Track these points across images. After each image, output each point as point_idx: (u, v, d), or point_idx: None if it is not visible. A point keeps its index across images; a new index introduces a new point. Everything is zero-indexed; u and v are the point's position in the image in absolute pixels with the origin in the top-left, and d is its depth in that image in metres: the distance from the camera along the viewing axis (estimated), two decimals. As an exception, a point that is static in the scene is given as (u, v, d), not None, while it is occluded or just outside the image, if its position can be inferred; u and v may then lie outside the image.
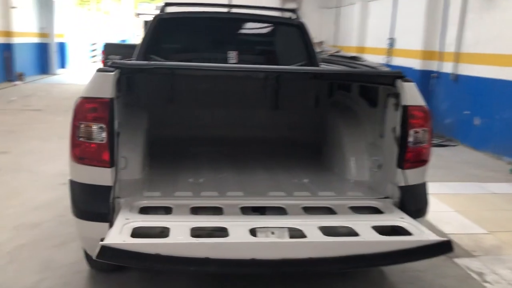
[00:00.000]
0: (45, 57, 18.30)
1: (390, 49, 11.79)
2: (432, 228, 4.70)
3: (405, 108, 2.98)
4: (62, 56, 20.04)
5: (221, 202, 2.94)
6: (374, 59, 11.76)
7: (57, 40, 18.99)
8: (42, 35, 18.04)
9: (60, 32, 19.56)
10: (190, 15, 5.09)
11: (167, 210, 2.84)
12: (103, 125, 2.71)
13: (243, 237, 2.38)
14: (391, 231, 2.72)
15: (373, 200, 3.11)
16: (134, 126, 3.49)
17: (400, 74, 3.04)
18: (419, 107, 3.03)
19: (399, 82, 3.01)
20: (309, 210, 2.99)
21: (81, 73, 19.15)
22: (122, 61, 2.84)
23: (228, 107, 5.04)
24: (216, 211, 2.89)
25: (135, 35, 28.44)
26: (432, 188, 5.91)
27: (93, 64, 23.99)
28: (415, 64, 10.19)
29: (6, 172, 6.14)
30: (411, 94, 3.01)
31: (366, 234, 2.48)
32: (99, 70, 2.76)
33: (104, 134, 2.71)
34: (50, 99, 12.43)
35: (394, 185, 3.10)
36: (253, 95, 5.01)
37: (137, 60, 4.69)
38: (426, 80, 9.84)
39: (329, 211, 2.99)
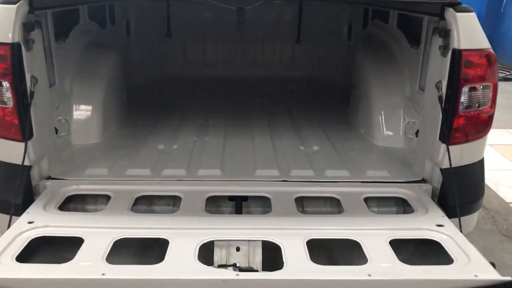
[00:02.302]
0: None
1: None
2: (490, 194, 3.76)
3: (458, 53, 1.96)
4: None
5: (183, 189, 2.12)
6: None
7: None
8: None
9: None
10: None
11: (107, 199, 2.07)
12: (6, 83, 1.91)
13: (180, 266, 1.54)
14: (421, 242, 1.83)
15: (401, 186, 2.18)
16: (91, 74, 2.69)
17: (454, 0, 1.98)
18: (479, 52, 2.01)
19: (450, 12, 1.96)
20: (306, 202, 2.13)
21: None
22: None
23: (239, 41, 4.18)
24: (174, 200, 2.10)
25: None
26: (494, 137, 4.97)
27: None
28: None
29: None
30: (468, 32, 1.98)
31: (377, 261, 1.60)
32: (1, 2, 1.91)
33: (8, 95, 1.92)
34: None
35: (434, 165, 2.14)
36: (269, 25, 4.08)
37: None
38: (498, 0, 8.28)
39: (334, 203, 2.11)
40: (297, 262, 1.58)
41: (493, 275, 1.51)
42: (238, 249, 1.72)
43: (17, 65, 1.91)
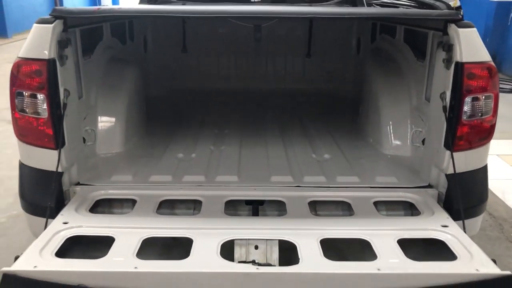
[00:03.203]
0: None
1: (463, -23, 10.20)
2: (497, 202, 3.85)
3: (460, 66, 2.09)
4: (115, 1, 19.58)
5: (203, 193, 2.27)
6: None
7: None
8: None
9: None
10: None
11: (133, 203, 2.21)
12: (42, 95, 2.07)
13: (205, 261, 1.69)
14: (428, 243, 1.95)
15: (409, 191, 2.30)
16: (114, 88, 2.85)
17: (456, 16, 2.12)
18: (480, 64, 2.13)
19: (452, 28, 2.10)
20: (319, 206, 2.26)
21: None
22: (66, 8, 2.13)
23: (251, 55, 4.32)
24: (195, 204, 2.24)
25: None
26: (502, 148, 5.06)
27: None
28: (492, -6, 8.71)
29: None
30: (470, 46, 2.10)
31: (386, 257, 1.73)
32: (38, 22, 2.09)
33: (44, 106, 2.09)
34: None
35: (440, 171, 2.27)
36: (280, 40, 4.22)
37: (141, 2, 3.99)
38: (504, 13, 8.46)
39: (346, 207, 2.24)
40: (311, 258, 1.71)
41: (494, 270, 1.63)
42: (256, 247, 1.85)
43: (52, 79, 2.08)
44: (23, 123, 2.17)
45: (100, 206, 2.26)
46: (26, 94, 2.11)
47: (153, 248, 2.01)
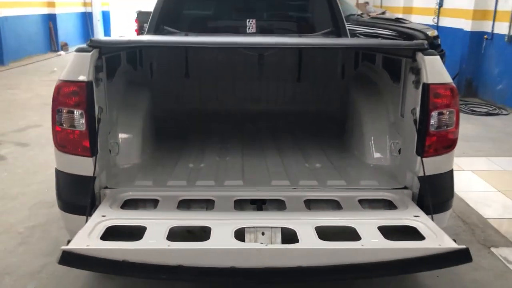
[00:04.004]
0: (89, 26, 18.43)
1: (439, 9, 10.89)
2: (470, 211, 4.29)
3: (427, 87, 2.55)
4: (106, 25, 20.09)
5: (214, 194, 2.67)
6: (422, 20, 10.96)
7: (101, 8, 19.03)
8: (86, 4, 18.12)
9: (104, 1, 19.57)
10: None
11: (155, 203, 2.61)
12: (82, 111, 2.49)
13: (224, 241, 2.10)
14: (403, 231, 2.37)
15: (387, 191, 2.74)
16: (132, 107, 3.26)
17: (421, 46, 2.60)
18: (443, 85, 2.59)
19: (419, 56, 2.57)
20: (312, 203, 2.67)
21: (124, 41, 19.29)
22: (101, 39, 2.57)
23: (246, 80, 4.76)
24: (209, 203, 2.63)
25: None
26: (476, 164, 5.54)
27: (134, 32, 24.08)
28: (466, 25, 9.35)
29: (35, 147, 6.14)
30: (434, 70, 2.57)
31: (368, 238, 2.15)
32: (78, 50, 2.52)
33: (83, 121, 2.50)
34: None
35: (413, 174, 2.71)
36: (273, 66, 4.68)
37: (148, 32, 4.45)
38: (478, 42, 9.08)
39: (335, 204, 2.66)
40: (309, 239, 2.13)
41: (453, 245, 2.06)
42: (263, 233, 2.26)
43: (90, 98, 2.49)
44: (63, 135, 2.57)
45: (127, 205, 2.65)
46: (67, 110, 2.52)
47: (173, 238, 2.40)
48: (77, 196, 2.56)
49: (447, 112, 2.65)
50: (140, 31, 10.85)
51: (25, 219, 4.13)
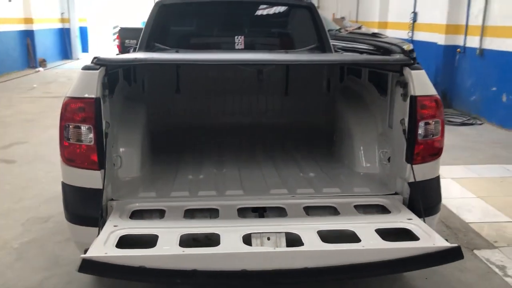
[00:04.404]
0: (67, 42, 18.38)
1: (413, 23, 11.32)
2: (453, 216, 4.50)
3: (414, 99, 2.75)
4: (84, 41, 20.07)
5: (218, 203, 2.80)
6: (397, 35, 11.34)
7: (78, 24, 19.03)
8: (63, 20, 18.09)
9: (82, 17, 19.58)
10: (193, 0, 4.89)
11: (161, 213, 2.72)
12: (90, 126, 2.59)
13: (234, 246, 2.23)
14: (398, 233, 2.53)
15: (380, 197, 2.91)
16: (131, 122, 3.37)
17: (408, 61, 2.80)
18: (429, 97, 2.79)
19: (406, 70, 2.77)
20: (311, 210, 2.82)
21: (103, 57, 19.37)
22: (107, 57, 2.69)
23: (235, 95, 4.92)
24: (212, 213, 2.75)
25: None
26: (455, 172, 5.79)
27: (115, 48, 24.13)
28: (439, 39, 9.74)
29: (22, 163, 6.15)
30: (421, 83, 2.77)
31: (368, 240, 2.31)
32: (85, 68, 2.63)
33: (91, 135, 2.60)
34: (71, 85, 12.44)
35: (403, 180, 2.89)
36: (262, 81, 4.85)
37: (139, 49, 4.57)
38: (451, 55, 9.46)
39: (332, 210, 2.82)
40: (312, 242, 2.27)
41: (446, 244, 2.23)
42: (268, 238, 2.39)
43: (98, 113, 2.60)
44: (72, 150, 2.66)
45: (134, 216, 2.75)
46: (76, 126, 2.62)
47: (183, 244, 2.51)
48: (86, 208, 2.65)
49: (433, 122, 2.84)
50: (122, 47, 10.95)
51: (19, 235, 4.15)
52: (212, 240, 2.35)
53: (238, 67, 4.58)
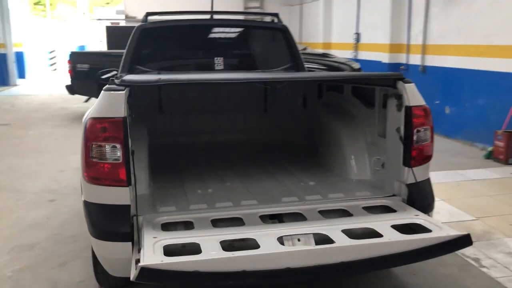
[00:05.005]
0: (4, 68, 17.69)
1: (357, 44, 12.04)
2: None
3: (409, 109, 3.08)
4: (20, 66, 19.36)
5: (239, 212, 2.96)
6: (341, 54, 12.00)
7: (14, 49, 18.37)
8: (-1, 45, 17.45)
9: (18, 42, 18.93)
10: (173, 24, 5.07)
11: (187, 225, 2.85)
12: (118, 145, 2.69)
13: (274, 247, 2.42)
14: (407, 229, 2.82)
15: (383, 198, 3.20)
16: (137, 140, 3.47)
17: (401, 76, 3.14)
18: (421, 107, 3.14)
19: (400, 84, 3.11)
20: (325, 214, 3.05)
21: (41, 82, 18.93)
22: (131, 78, 2.81)
23: (217, 113, 5.10)
24: (237, 221, 2.91)
25: (98, 41, 28.13)
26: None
27: (53, 73, 23.48)
28: (383, 57, 10.45)
29: (-15, 194, 5.94)
30: (413, 95, 3.11)
31: (389, 235, 2.58)
32: (108, 90, 2.73)
33: (119, 154, 2.69)
34: (16, 112, 12.02)
35: (401, 183, 3.20)
36: (243, 99, 5.07)
37: (121, 72, 4.65)
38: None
39: (344, 213, 3.07)
40: (343, 239, 2.51)
41: (458, 232, 2.55)
42: (299, 239, 2.60)
43: (126, 132, 2.71)
44: (99, 169, 2.74)
45: (164, 229, 2.85)
46: (103, 145, 2.70)
47: None
48: (115, 225, 2.71)
49: (425, 129, 3.19)
50: (73, 71, 10.80)
51: (9, 263, 4.05)
52: (249, 244, 2.52)
53: (219, 87, 4.78)
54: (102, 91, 2.78)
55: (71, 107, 12.66)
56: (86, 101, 11.34)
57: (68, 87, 11.05)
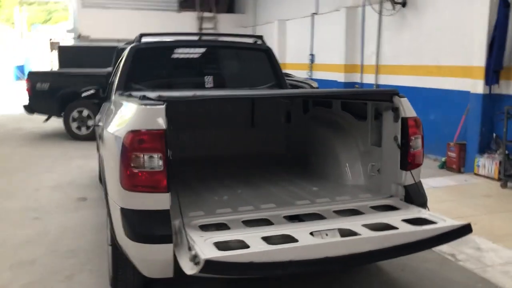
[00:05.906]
0: None
1: (311, 64, 12.70)
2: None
3: (405, 119, 3.53)
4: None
5: (264, 214, 3.25)
6: (297, 74, 12.60)
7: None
8: None
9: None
10: (166, 44, 5.33)
11: (218, 226, 3.11)
12: (160, 154, 2.92)
13: (312, 240, 2.75)
14: (416, 222, 3.23)
15: (383, 199, 3.62)
16: None
17: (397, 91, 3.60)
18: (414, 118, 3.60)
19: (396, 98, 3.56)
20: (339, 213, 3.39)
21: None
22: (169, 94, 3.06)
23: (208, 128, 5.33)
24: (264, 222, 3.19)
25: (37, 60, 27.46)
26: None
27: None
28: (339, 77, 11.13)
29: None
30: (408, 107, 3.57)
31: (403, 227, 2.98)
32: (146, 104, 2.96)
33: (161, 163, 2.92)
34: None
35: (398, 185, 3.63)
36: (232, 115, 5.35)
37: (117, 90, 4.85)
38: (351, 91, 10.84)
39: (355, 212, 3.44)
40: (366, 232, 2.89)
41: (460, 223, 3.01)
42: (327, 234, 2.94)
43: (165, 143, 2.96)
44: (142, 177, 2.95)
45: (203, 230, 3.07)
46: (144, 155, 2.93)
47: None
48: (155, 228, 2.90)
49: (414, 138, 3.65)
50: (33, 91, 10.65)
51: (13, 279, 4.05)
52: (285, 240, 2.83)
53: (210, 103, 5.04)
54: (138, 106, 3.01)
55: (26, 127, 12.38)
56: (46, 120, 11.17)
57: (26, 107, 10.87)
